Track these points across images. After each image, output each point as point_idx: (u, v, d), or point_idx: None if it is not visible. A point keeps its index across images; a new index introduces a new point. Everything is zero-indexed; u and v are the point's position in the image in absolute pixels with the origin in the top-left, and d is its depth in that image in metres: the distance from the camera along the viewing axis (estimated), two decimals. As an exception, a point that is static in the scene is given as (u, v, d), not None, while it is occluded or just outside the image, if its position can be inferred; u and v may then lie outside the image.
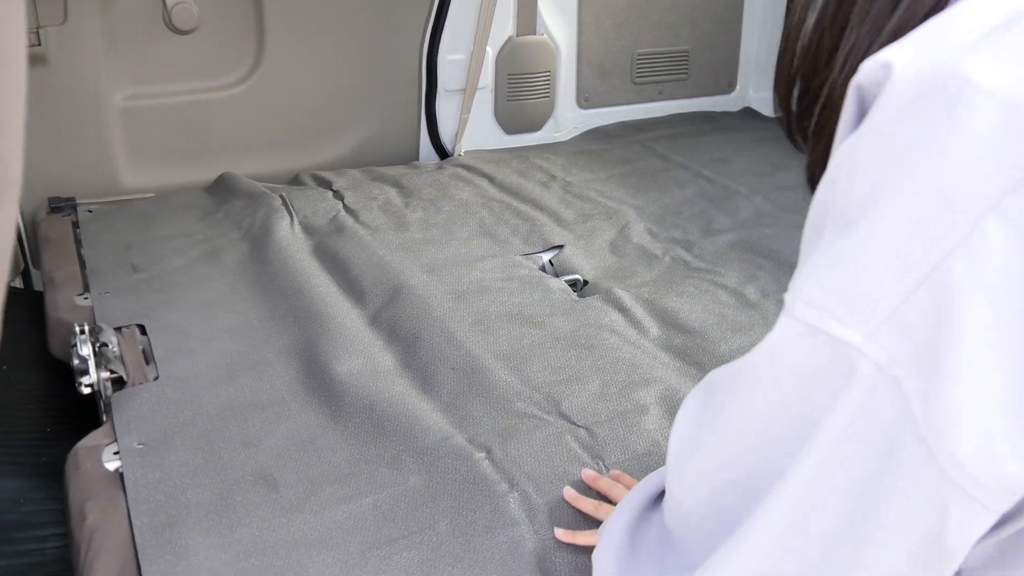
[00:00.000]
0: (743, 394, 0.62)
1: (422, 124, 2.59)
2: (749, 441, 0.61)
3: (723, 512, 0.64)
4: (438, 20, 2.47)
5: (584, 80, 2.83)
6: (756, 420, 0.60)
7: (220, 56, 2.29)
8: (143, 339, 1.58)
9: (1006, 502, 0.49)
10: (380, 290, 1.72)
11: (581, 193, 2.30)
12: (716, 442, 0.65)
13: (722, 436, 0.64)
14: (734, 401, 0.63)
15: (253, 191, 2.18)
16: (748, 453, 0.61)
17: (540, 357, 1.51)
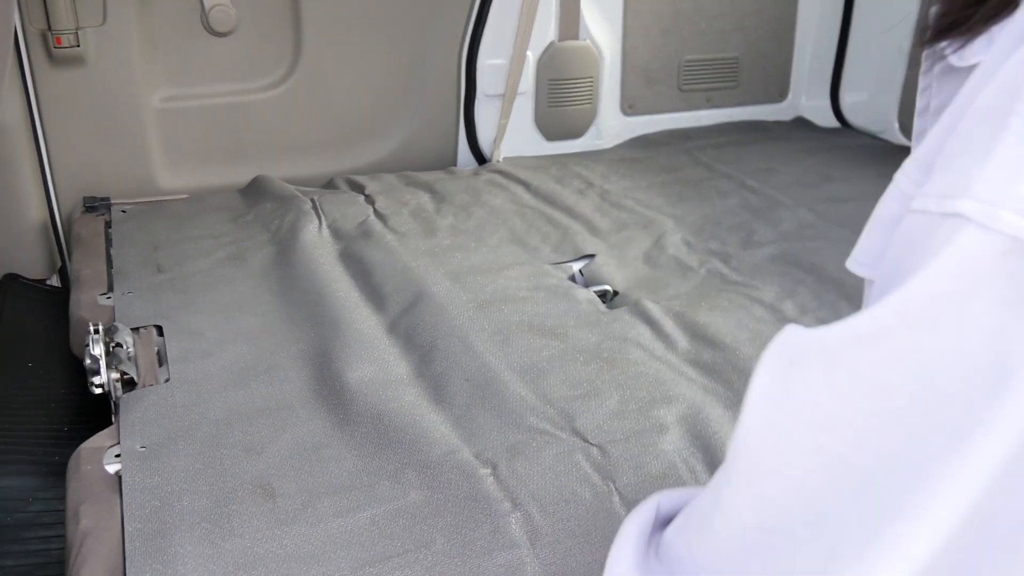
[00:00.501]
0: (894, 344, 0.46)
1: (460, 129, 2.55)
2: (899, 407, 0.46)
3: (817, 520, 0.49)
4: (478, 23, 2.43)
5: (629, 87, 2.77)
6: (918, 377, 0.45)
7: (257, 58, 2.28)
8: (159, 340, 1.56)
9: None
10: (401, 297, 1.68)
11: (618, 201, 2.23)
12: (836, 416, 0.48)
13: (852, 405, 0.48)
14: (878, 355, 0.47)
15: (284, 194, 2.16)
16: (893, 425, 0.46)
17: (558, 370, 1.45)
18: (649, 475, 1.20)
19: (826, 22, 2.96)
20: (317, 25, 2.28)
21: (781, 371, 0.52)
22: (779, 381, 0.52)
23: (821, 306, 1.71)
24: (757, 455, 0.53)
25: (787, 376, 0.52)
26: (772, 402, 0.52)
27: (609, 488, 1.17)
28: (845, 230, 2.06)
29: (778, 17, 2.90)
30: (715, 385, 1.44)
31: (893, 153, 2.69)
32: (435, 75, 2.46)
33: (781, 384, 0.52)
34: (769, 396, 0.52)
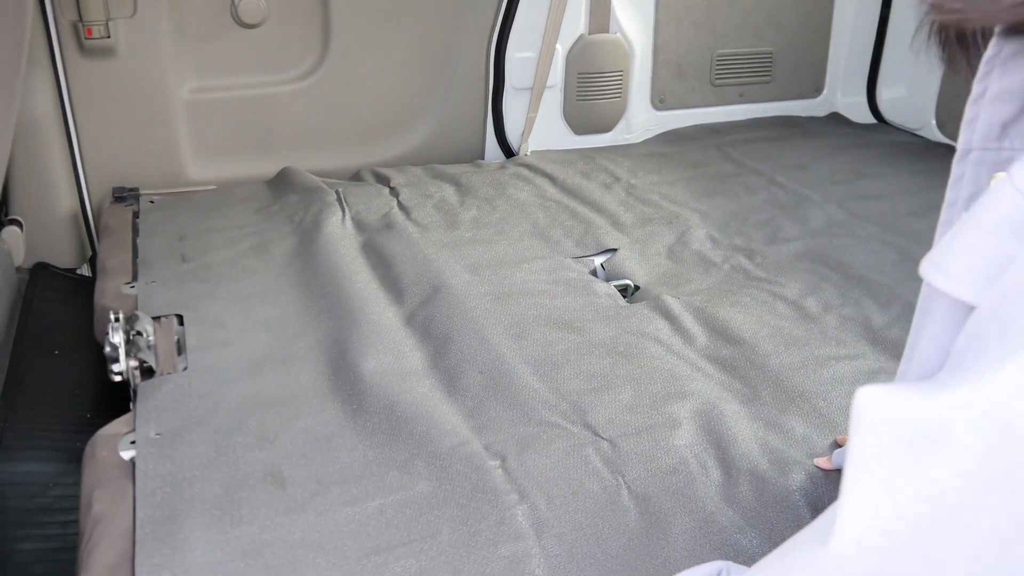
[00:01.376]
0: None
1: (488, 122, 2.54)
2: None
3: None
4: (507, 16, 2.42)
5: (660, 80, 2.74)
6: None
7: (286, 50, 2.30)
8: (179, 329, 1.58)
9: None
10: (419, 288, 1.68)
11: (644, 196, 2.21)
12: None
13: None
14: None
15: (310, 185, 2.17)
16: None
17: (573, 364, 1.44)
18: (659, 470, 1.18)
19: (863, 16, 2.90)
20: (346, 17, 2.29)
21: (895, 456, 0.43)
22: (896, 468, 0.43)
23: (845, 303, 1.67)
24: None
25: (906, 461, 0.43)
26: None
27: (618, 482, 1.16)
28: (874, 227, 2.02)
29: (814, 11, 2.85)
30: (732, 381, 1.41)
31: (930, 150, 2.63)
32: (464, 68, 2.45)
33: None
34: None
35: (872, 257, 1.86)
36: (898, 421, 0.43)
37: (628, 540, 1.07)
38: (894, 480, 0.42)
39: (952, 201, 0.53)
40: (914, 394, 0.43)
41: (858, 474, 0.44)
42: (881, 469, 0.43)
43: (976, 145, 0.52)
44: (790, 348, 1.51)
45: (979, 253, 0.45)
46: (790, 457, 1.21)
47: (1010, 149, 0.48)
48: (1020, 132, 0.48)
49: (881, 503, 0.42)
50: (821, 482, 1.17)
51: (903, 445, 0.42)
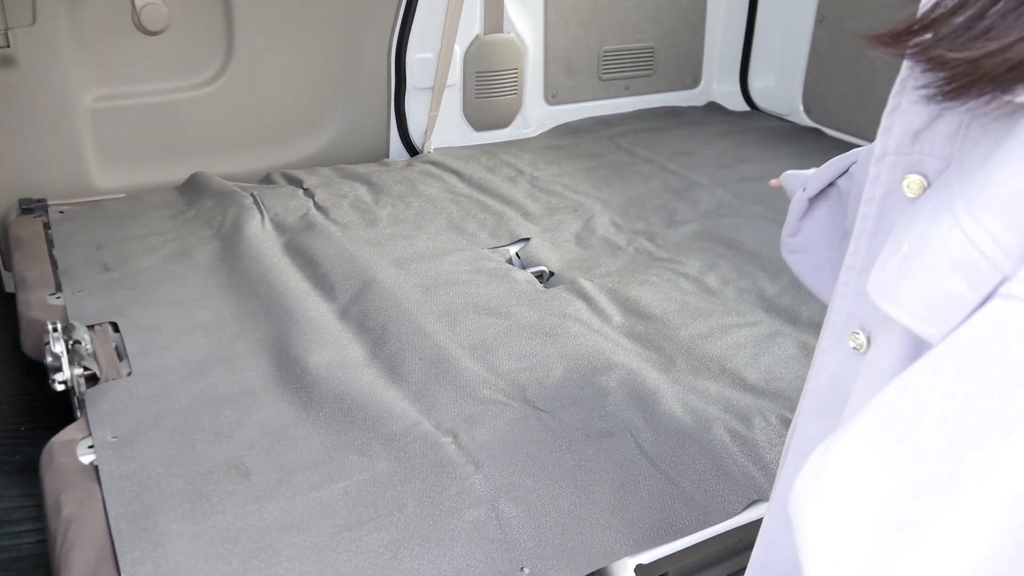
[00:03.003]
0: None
1: (392, 122, 2.62)
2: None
3: None
4: (406, 19, 2.50)
5: (551, 77, 2.88)
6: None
7: (190, 56, 2.31)
8: (116, 336, 1.61)
9: None
10: (349, 284, 1.76)
11: (548, 187, 2.34)
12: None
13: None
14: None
15: (224, 190, 2.20)
16: None
17: (506, 346, 1.56)
18: (597, 433, 1.32)
19: (734, 13, 3.13)
20: (249, 22, 2.32)
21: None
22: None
23: (741, 277, 1.85)
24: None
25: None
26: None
27: (561, 447, 1.28)
28: (760, 207, 2.22)
29: (690, 9, 3.05)
30: (649, 353, 1.56)
31: (799, 134, 2.87)
32: (366, 70, 2.52)
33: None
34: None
35: (759, 234, 2.06)
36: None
37: (576, 497, 1.19)
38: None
39: (869, 197, 0.63)
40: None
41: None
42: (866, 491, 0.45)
43: (891, 150, 0.62)
44: (696, 320, 1.67)
45: (929, 292, 0.47)
46: (708, 413, 1.37)
47: (920, 153, 0.59)
48: (928, 139, 0.58)
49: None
50: (738, 432, 1.33)
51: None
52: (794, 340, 1.61)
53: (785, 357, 1.55)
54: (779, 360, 1.54)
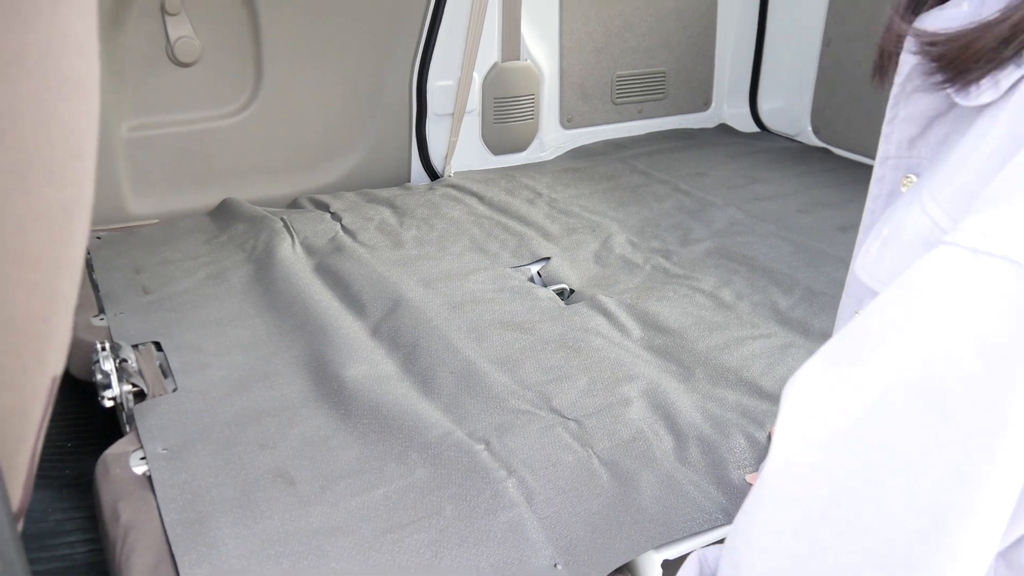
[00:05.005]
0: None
1: (413, 147, 2.71)
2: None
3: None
4: (427, 48, 2.60)
5: (567, 102, 2.97)
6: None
7: (220, 87, 2.41)
8: (159, 355, 1.69)
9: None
10: (380, 303, 1.83)
11: (566, 208, 2.42)
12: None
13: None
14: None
15: (255, 215, 2.29)
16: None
17: (531, 359, 1.63)
18: (621, 440, 1.38)
19: (743, 37, 3.22)
20: (277, 54, 2.42)
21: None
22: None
23: (754, 292, 1.92)
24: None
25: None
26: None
27: (588, 453, 1.35)
28: (771, 225, 2.29)
29: (700, 34, 3.15)
30: (668, 364, 1.63)
31: (808, 153, 2.95)
32: (388, 97, 2.62)
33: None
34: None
35: (771, 251, 2.13)
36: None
37: (604, 498, 1.26)
38: (833, 388, 0.55)
39: (876, 195, 0.72)
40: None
41: (796, 387, 0.58)
42: (820, 381, 0.57)
43: (892, 154, 0.71)
44: (713, 332, 1.74)
45: (902, 264, 0.57)
46: (727, 420, 1.43)
47: (918, 157, 0.68)
48: (922, 145, 0.67)
49: (822, 408, 0.56)
50: (755, 436, 1.39)
51: (843, 358, 0.56)
52: (807, 350, 1.67)
53: (798, 366, 1.61)
54: (793, 369, 1.61)
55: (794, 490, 0.56)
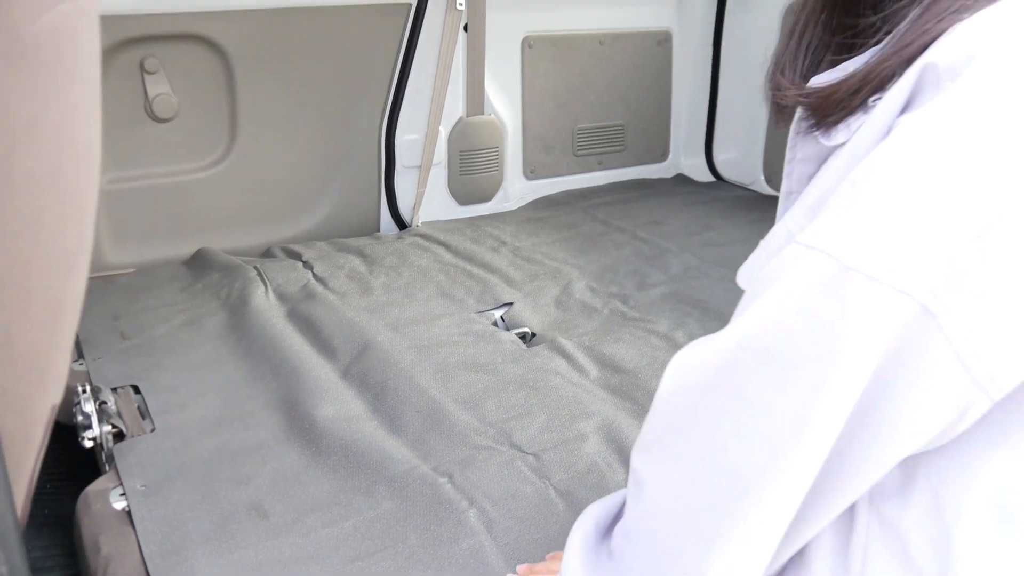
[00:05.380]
0: (759, 363, 0.68)
1: (382, 198, 2.82)
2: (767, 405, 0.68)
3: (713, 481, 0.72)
4: (395, 104, 2.72)
5: (529, 154, 3.10)
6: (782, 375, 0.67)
7: (196, 141, 2.51)
8: (137, 397, 1.76)
9: (1005, 393, 0.64)
10: (350, 347, 1.92)
11: (529, 256, 2.54)
12: (721, 415, 0.71)
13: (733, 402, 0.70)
14: (758, 366, 0.68)
15: (229, 264, 2.38)
16: (761, 414, 0.68)
17: (493, 398, 1.72)
18: (577, 472, 1.48)
19: (697, 92, 3.39)
20: (251, 110, 2.53)
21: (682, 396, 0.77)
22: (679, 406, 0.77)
23: (706, 333, 2.02)
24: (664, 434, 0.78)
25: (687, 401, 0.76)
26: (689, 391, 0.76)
27: (546, 484, 1.44)
28: (725, 270, 2.42)
29: (656, 88, 3.31)
30: (623, 403, 1.73)
31: (761, 202, 3.10)
32: (358, 150, 2.73)
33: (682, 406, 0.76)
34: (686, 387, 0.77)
35: (725, 295, 2.25)
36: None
37: (560, 526, 1.35)
38: (703, 348, 0.76)
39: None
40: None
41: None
42: (696, 344, 0.79)
43: (794, 188, 0.83)
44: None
45: (762, 263, 0.77)
46: (676, 454, 1.54)
47: None
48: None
49: (693, 361, 0.77)
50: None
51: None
52: (753, 388, 1.78)
53: (745, 403, 1.72)
54: (740, 406, 1.72)
55: (670, 419, 0.78)
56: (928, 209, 0.61)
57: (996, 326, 0.62)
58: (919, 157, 0.62)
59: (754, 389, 0.69)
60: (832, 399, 0.65)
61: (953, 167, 0.61)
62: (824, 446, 0.67)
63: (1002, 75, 0.60)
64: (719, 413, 0.72)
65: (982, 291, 0.61)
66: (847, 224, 0.64)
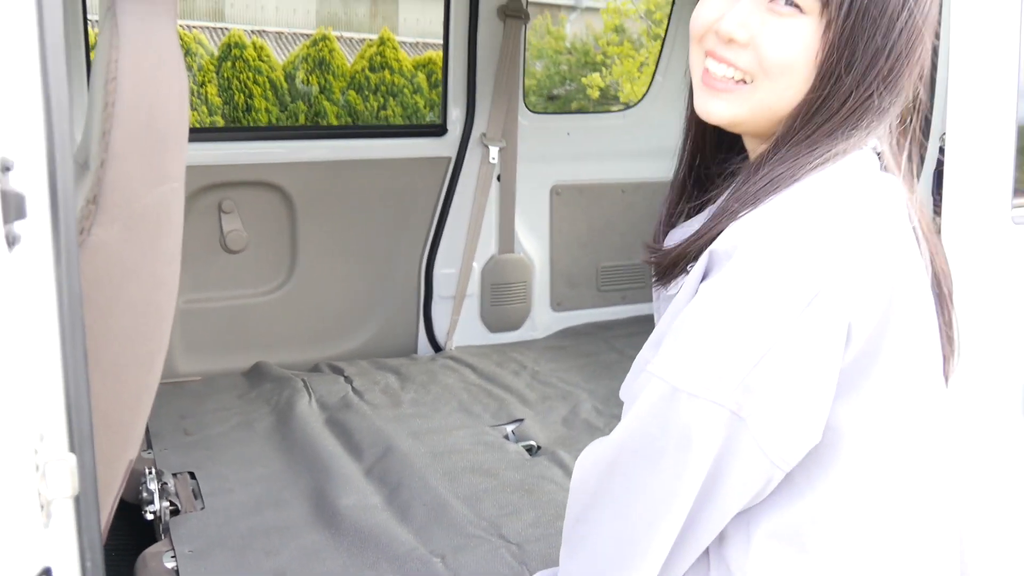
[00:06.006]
0: (629, 465, 0.97)
1: (420, 324, 3.17)
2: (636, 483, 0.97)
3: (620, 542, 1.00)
4: (435, 241, 3.11)
5: (556, 288, 3.44)
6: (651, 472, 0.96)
7: (261, 270, 2.91)
8: (193, 482, 2.08)
9: (792, 465, 0.94)
10: (375, 449, 2.23)
11: (546, 380, 2.83)
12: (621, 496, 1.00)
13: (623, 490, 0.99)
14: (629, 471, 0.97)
15: (281, 376, 2.73)
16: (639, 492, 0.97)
17: (491, 498, 1.99)
18: (552, 561, 1.72)
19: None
20: (309, 244, 2.94)
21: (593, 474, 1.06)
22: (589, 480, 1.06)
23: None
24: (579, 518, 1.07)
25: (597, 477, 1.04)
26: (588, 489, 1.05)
27: (523, 569, 1.70)
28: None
29: (674, 233, 3.64)
30: (605, 506, 1.99)
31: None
32: (401, 281, 3.11)
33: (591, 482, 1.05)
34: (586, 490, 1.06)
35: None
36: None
37: (529, 602, 1.60)
38: (600, 446, 1.05)
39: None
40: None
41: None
42: (595, 443, 1.06)
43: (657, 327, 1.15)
44: (647, 483, 2.10)
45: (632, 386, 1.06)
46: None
47: None
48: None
49: (593, 457, 1.04)
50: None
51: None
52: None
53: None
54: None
55: (581, 498, 1.06)
56: (724, 345, 0.92)
57: (780, 421, 0.92)
58: (714, 310, 0.94)
59: (635, 475, 0.98)
60: (687, 480, 0.94)
61: (736, 316, 0.93)
62: (685, 509, 0.96)
63: (754, 256, 0.93)
64: (615, 493, 1.01)
65: (768, 398, 0.92)
66: (674, 358, 0.94)
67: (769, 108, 0.99)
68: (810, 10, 0.94)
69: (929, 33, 0.98)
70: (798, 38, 0.95)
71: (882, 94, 0.96)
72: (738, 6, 0.97)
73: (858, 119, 0.96)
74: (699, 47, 1.03)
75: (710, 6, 1.01)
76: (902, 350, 0.96)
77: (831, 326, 0.91)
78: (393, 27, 10.20)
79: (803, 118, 0.97)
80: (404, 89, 8.40)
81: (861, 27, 0.93)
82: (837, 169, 0.97)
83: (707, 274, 0.96)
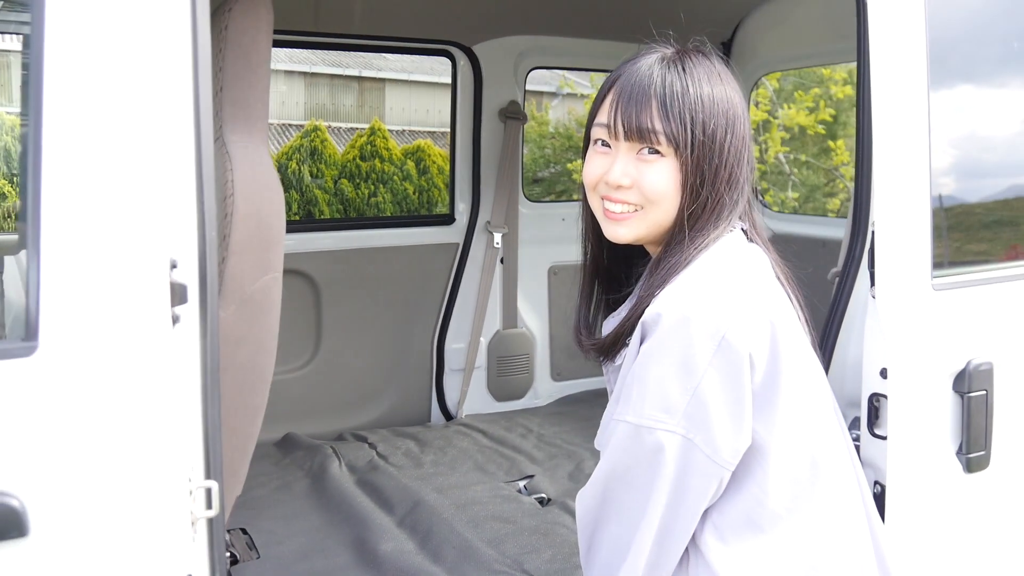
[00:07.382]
0: (622, 487, 1.29)
1: (433, 395, 3.46)
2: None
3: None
4: (445, 319, 3.43)
5: (556, 360, 3.75)
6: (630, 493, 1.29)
7: (288, 349, 3.20)
8: (245, 536, 2.34)
9: (736, 464, 1.24)
10: (404, 503, 2.50)
11: (551, 441, 3.12)
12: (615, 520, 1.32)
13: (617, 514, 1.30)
14: (623, 491, 1.30)
15: (310, 444, 3.01)
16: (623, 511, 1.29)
17: (512, 540, 2.27)
18: (568, 588, 2.00)
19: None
20: (332, 324, 3.25)
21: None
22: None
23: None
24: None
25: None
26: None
27: (545, 596, 1.97)
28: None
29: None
30: (612, 546, 2.26)
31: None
32: (415, 356, 3.41)
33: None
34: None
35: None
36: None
37: (552, 622, 1.87)
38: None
39: (610, 413, 1.44)
40: None
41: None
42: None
43: (611, 389, 1.43)
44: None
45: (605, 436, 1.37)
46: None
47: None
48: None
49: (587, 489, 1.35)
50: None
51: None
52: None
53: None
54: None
55: (586, 530, 1.34)
56: (666, 387, 1.23)
57: (718, 433, 1.23)
58: (654, 364, 1.25)
59: (620, 497, 1.28)
60: (657, 496, 1.24)
61: (670, 364, 1.23)
62: (659, 513, 1.25)
63: (674, 319, 1.23)
64: (609, 516, 1.31)
65: (705, 419, 1.23)
66: (632, 404, 1.25)
67: (658, 223, 1.34)
68: (668, 154, 1.30)
69: (748, 141, 1.35)
70: (665, 174, 1.31)
71: (731, 193, 1.33)
72: (618, 162, 1.32)
73: (719, 214, 1.33)
74: (595, 193, 1.37)
75: (596, 163, 1.36)
76: (794, 364, 1.29)
77: (737, 357, 1.22)
78: (380, 116, 10.66)
79: (682, 224, 1.32)
80: (394, 176, 8.77)
81: (704, 156, 1.30)
82: (716, 249, 1.32)
83: (644, 339, 1.27)
